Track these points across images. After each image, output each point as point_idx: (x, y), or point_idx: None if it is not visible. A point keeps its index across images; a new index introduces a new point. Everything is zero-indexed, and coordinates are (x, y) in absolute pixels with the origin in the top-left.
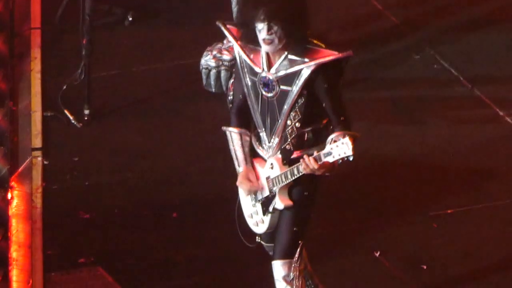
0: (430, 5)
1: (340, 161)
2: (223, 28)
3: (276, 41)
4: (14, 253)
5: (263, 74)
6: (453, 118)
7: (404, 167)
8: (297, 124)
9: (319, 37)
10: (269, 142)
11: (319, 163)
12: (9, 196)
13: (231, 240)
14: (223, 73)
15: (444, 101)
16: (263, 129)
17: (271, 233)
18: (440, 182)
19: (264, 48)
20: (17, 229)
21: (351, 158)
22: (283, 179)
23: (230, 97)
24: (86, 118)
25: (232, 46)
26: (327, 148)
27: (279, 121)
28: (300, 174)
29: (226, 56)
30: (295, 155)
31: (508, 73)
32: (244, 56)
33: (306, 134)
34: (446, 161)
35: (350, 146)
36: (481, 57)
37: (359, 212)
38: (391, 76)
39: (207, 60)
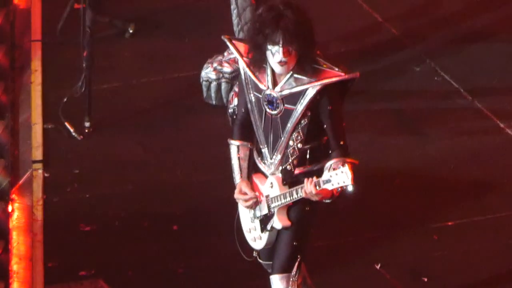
0: (430, 17)
1: (339, 189)
2: (229, 44)
3: (290, 62)
4: (15, 265)
5: (268, 92)
6: (454, 130)
7: (404, 179)
8: (299, 145)
9: (325, 57)
10: (271, 159)
11: (317, 189)
12: (9, 208)
13: (232, 252)
14: (223, 86)
15: (444, 113)
16: (266, 146)
17: (270, 251)
18: (441, 194)
19: (277, 70)
20: (17, 242)
21: (350, 188)
22: (282, 200)
23: (231, 110)
24: (86, 131)
25: (233, 58)
26: (327, 175)
27: (282, 138)
28: (299, 197)
29: (227, 69)
30: (296, 171)
31: (508, 85)
32: (249, 73)
33: (307, 152)
34: (446, 173)
35: (350, 175)
36: (482, 69)
37: (359, 224)
38: (391, 88)
39: (208, 72)
